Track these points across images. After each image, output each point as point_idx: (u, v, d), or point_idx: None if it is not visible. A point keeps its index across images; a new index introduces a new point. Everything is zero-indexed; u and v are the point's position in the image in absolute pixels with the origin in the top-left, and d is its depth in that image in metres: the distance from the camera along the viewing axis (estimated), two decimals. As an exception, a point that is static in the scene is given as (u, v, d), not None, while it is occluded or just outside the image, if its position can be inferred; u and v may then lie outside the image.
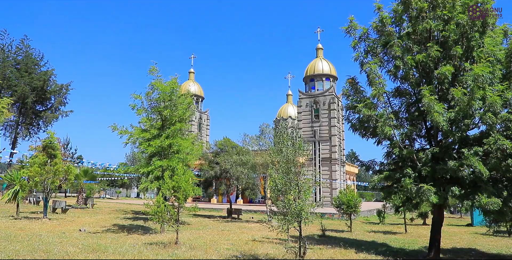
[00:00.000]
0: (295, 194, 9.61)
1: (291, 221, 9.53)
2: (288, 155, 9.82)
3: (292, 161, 9.77)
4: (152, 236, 15.80)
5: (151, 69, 17.42)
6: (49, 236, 13.91)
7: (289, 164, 9.84)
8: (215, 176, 28.05)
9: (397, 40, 13.66)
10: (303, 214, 9.50)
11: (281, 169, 9.92)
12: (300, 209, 9.45)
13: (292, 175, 9.74)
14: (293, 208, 9.51)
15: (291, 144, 10.06)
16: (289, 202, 9.58)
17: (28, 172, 18.64)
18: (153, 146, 16.03)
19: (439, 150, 12.84)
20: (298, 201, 9.52)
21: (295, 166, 9.80)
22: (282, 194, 9.73)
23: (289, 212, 9.59)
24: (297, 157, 10.00)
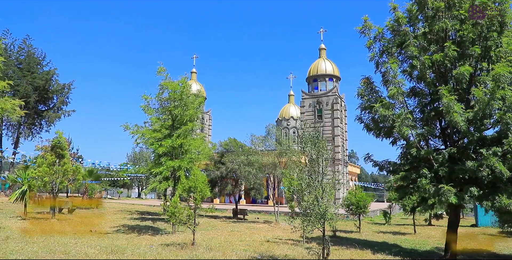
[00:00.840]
0: (319, 194, 9.51)
1: (315, 222, 9.42)
2: (311, 155, 9.72)
3: (316, 161, 9.66)
4: (164, 236, 15.65)
5: (159, 70, 17.31)
6: (62, 237, 13.77)
7: (312, 163, 9.73)
8: (221, 176, 27.92)
9: (412, 40, 13.60)
10: (327, 214, 9.39)
11: (305, 169, 9.81)
12: (324, 210, 9.35)
13: (315, 175, 9.63)
14: (317, 208, 9.40)
15: (312, 144, 9.95)
16: (313, 203, 9.47)
17: (37, 171, 18.46)
18: (165, 145, 15.91)
19: (456, 150, 12.78)
20: (322, 201, 9.42)
21: (319, 165, 9.71)
22: (306, 194, 9.62)
23: (313, 212, 9.49)
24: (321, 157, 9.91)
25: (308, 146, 9.81)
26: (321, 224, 9.68)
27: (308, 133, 10.11)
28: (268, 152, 24.89)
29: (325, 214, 9.39)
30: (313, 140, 9.83)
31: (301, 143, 10.27)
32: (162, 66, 17.05)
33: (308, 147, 9.84)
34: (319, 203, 9.42)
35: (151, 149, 22.10)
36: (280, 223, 24.25)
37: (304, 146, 9.94)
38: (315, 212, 9.47)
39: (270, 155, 23.69)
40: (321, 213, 9.39)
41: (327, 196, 9.54)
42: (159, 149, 15.76)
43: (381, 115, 13.29)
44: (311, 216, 9.50)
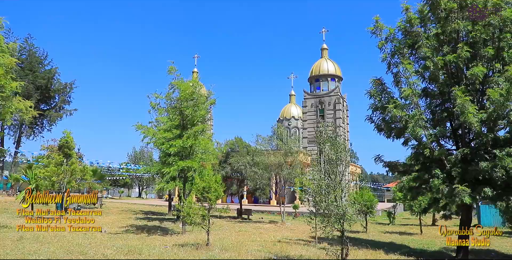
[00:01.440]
0: (339, 195, 9.52)
1: (335, 223, 9.44)
2: (331, 155, 9.73)
3: (335, 162, 9.68)
4: (174, 237, 15.63)
5: (170, 69, 17.28)
6: (74, 237, 13.77)
7: (332, 164, 9.75)
8: (226, 176, 27.90)
9: (425, 40, 13.64)
10: (347, 215, 9.41)
11: (323, 169, 9.83)
12: (344, 210, 9.37)
13: (335, 175, 9.64)
14: (337, 209, 9.42)
15: (332, 145, 9.97)
16: (332, 203, 9.49)
17: (44, 171, 18.40)
18: (176, 146, 15.87)
19: (469, 151, 12.84)
20: (342, 202, 9.43)
21: (338, 166, 9.72)
22: (325, 194, 9.64)
23: (332, 213, 9.50)
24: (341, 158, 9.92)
25: (326, 146, 9.81)
26: (340, 225, 9.68)
27: (326, 133, 10.11)
28: (274, 152, 24.88)
29: (345, 215, 9.39)
30: (332, 140, 9.83)
31: (318, 144, 10.28)
32: (173, 66, 17.03)
33: (326, 147, 9.84)
34: (338, 204, 9.42)
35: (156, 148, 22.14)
36: (286, 223, 24.28)
37: (322, 147, 9.94)
38: (334, 212, 9.48)
39: (276, 155, 23.69)
40: (341, 213, 9.40)
41: (346, 196, 9.54)
42: (170, 149, 15.72)
43: (394, 116, 13.34)
44: (331, 217, 9.50)
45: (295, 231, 20.95)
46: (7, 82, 12.88)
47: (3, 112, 13.33)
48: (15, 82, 13.38)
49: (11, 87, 13.10)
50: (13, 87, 13.23)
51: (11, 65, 13.15)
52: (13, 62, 13.21)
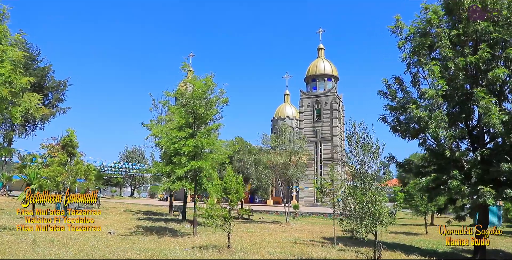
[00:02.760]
0: (373, 197, 9.36)
1: (372, 225, 9.27)
2: (364, 157, 9.57)
3: (369, 163, 9.51)
4: (187, 238, 15.27)
5: (183, 65, 16.92)
6: (85, 239, 13.33)
7: (365, 166, 9.58)
8: (228, 176, 27.56)
9: (444, 41, 13.59)
10: (382, 217, 9.25)
11: (356, 171, 9.65)
12: (380, 212, 9.21)
13: (369, 177, 9.48)
14: (372, 211, 9.26)
15: (365, 146, 9.80)
16: (367, 205, 9.32)
17: (48, 171, 17.80)
18: (189, 145, 15.49)
19: (490, 152, 12.86)
20: (377, 203, 9.28)
21: (372, 168, 9.56)
22: (359, 197, 9.46)
23: (366, 215, 9.34)
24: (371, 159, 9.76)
25: (359, 147, 9.64)
26: (374, 227, 9.52)
27: (357, 135, 9.94)
28: (280, 151, 24.66)
29: (380, 217, 9.24)
30: (366, 143, 9.66)
31: (349, 144, 10.11)
32: (187, 63, 16.64)
33: (359, 149, 9.66)
34: (373, 206, 9.26)
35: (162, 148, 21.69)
36: (291, 223, 24.11)
37: (355, 148, 9.77)
38: (368, 214, 9.32)
39: (282, 155, 23.50)
40: (376, 215, 9.24)
41: (381, 198, 9.39)
42: (184, 149, 15.32)
43: (415, 116, 13.27)
44: (366, 219, 9.33)
45: (303, 232, 20.79)
46: (17, 78, 12.33)
47: (13, 111, 12.76)
48: (25, 78, 12.82)
49: (21, 83, 12.55)
50: (23, 83, 12.67)
51: (19, 59, 12.61)
52: (21, 56, 12.66)
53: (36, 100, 13.82)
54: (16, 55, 12.35)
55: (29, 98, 12.82)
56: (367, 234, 9.73)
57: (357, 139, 9.88)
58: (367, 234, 9.69)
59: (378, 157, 9.61)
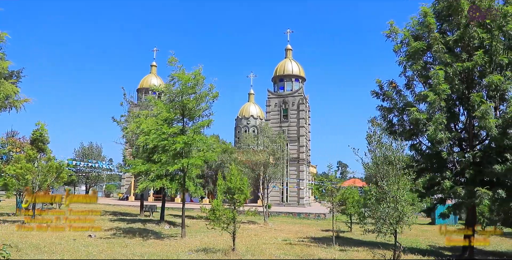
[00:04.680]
0: (396, 198, 9.30)
1: (394, 225, 9.20)
2: (387, 158, 9.48)
3: (393, 164, 9.44)
4: (176, 241, 14.46)
5: (170, 59, 15.99)
6: (70, 244, 12.16)
7: (388, 167, 9.50)
8: (202, 175, 26.76)
9: (440, 46, 13.98)
10: (405, 218, 9.22)
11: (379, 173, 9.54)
12: (402, 214, 9.17)
13: (392, 178, 9.40)
14: (393, 212, 9.19)
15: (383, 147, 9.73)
16: (389, 207, 9.25)
17: (15, 168, 16.06)
18: (180, 142, 14.67)
19: (482, 154, 13.43)
20: (401, 204, 9.23)
21: (394, 169, 9.50)
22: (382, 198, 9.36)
23: (388, 216, 9.26)
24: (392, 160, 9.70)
25: (382, 149, 9.54)
26: (394, 228, 9.47)
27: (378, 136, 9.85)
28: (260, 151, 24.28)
29: (403, 218, 9.20)
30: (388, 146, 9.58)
31: (369, 144, 9.99)
32: (174, 56, 15.74)
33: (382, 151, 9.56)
34: (397, 206, 9.20)
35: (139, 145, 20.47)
36: (269, 223, 23.84)
37: (378, 150, 9.66)
38: (390, 215, 9.24)
39: (263, 154, 23.14)
40: (398, 216, 9.19)
41: (403, 200, 9.35)
42: (175, 146, 14.46)
43: (413, 119, 13.52)
44: (389, 220, 9.24)
45: (285, 232, 20.60)
46: (-2, 62, 10.93)
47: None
48: (7, 62, 11.40)
49: (3, 67, 11.14)
50: (5, 68, 11.26)
51: (1, 39, 11.20)
52: (3, 36, 11.24)
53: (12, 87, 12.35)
54: None
55: (10, 85, 11.38)
56: (390, 235, 9.66)
57: (378, 139, 9.77)
58: (390, 235, 9.62)
59: (401, 155, 9.56)
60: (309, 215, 34.38)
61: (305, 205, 43.19)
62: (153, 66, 52.28)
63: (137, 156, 24.74)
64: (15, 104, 11.43)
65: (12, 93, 11.38)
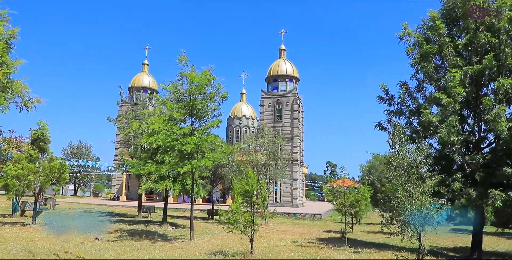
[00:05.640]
0: (419, 200, 9.33)
1: (420, 228, 9.23)
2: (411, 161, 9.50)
3: (418, 167, 9.47)
4: (185, 243, 14.23)
5: (181, 58, 15.72)
6: (81, 247, 11.81)
7: (412, 168, 9.52)
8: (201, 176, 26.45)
9: (450, 49, 14.15)
10: (430, 221, 9.26)
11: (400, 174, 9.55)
12: (428, 216, 9.20)
13: (415, 180, 9.43)
14: (419, 215, 9.22)
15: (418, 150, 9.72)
16: (414, 209, 9.27)
17: (17, 168, 15.54)
18: (190, 143, 14.43)
19: (493, 156, 13.63)
20: (426, 207, 9.25)
21: (419, 171, 9.53)
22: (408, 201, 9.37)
23: (414, 219, 9.28)
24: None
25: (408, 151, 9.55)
26: (419, 231, 9.50)
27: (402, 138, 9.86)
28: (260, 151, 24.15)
29: (429, 220, 9.23)
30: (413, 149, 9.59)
31: (392, 146, 10.00)
32: (184, 55, 15.47)
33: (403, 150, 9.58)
34: (422, 208, 9.23)
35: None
36: (270, 224, 23.73)
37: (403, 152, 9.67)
38: (415, 218, 9.27)
39: (264, 154, 23.02)
40: (424, 219, 9.22)
41: (428, 202, 9.39)
42: (186, 147, 14.19)
43: (426, 121, 13.62)
44: (414, 223, 9.26)
45: (288, 233, 20.56)
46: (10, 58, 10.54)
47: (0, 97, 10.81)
48: (19, 60, 10.98)
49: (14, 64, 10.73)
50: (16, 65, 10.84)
51: (14, 35, 10.78)
52: (16, 32, 10.82)
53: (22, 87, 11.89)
54: (11, 32, 10.50)
55: (22, 84, 10.97)
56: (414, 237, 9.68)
57: (401, 142, 9.78)
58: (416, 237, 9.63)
59: (429, 157, 9.59)
60: (304, 215, 34.45)
61: (299, 205, 43.30)
62: (145, 65, 51.62)
63: (135, 156, 24.36)
64: (27, 105, 10.99)
65: (22, 93, 10.96)
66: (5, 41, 10.56)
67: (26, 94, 11.34)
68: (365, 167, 36.82)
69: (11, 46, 10.68)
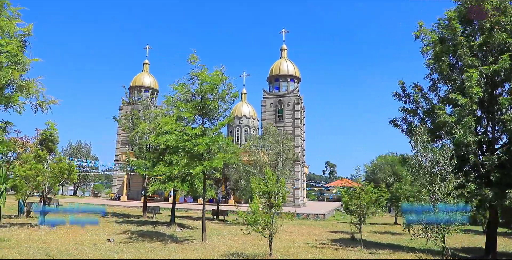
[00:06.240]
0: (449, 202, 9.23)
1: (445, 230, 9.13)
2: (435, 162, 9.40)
3: (441, 168, 9.37)
4: (201, 245, 14.08)
5: (191, 57, 15.53)
6: (96, 249, 11.62)
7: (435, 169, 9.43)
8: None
9: (465, 50, 14.09)
10: (455, 223, 9.17)
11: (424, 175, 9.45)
12: (453, 218, 9.11)
13: (438, 181, 9.34)
14: (443, 215, 9.13)
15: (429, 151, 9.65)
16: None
17: (25, 169, 15.30)
18: (203, 143, 14.26)
19: (509, 157, 13.58)
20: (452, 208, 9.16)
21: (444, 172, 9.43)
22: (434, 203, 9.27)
23: (438, 220, 9.19)
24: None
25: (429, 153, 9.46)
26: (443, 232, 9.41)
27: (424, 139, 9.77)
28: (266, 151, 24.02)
29: (454, 223, 9.14)
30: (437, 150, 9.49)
31: (414, 148, 9.91)
32: (195, 54, 15.28)
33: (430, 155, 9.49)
34: (447, 211, 9.14)
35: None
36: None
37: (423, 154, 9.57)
38: (440, 219, 9.18)
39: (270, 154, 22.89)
40: (448, 221, 9.13)
41: (453, 204, 9.30)
42: (199, 147, 14.02)
43: (442, 122, 13.54)
44: (438, 224, 9.17)
45: (296, 233, 20.48)
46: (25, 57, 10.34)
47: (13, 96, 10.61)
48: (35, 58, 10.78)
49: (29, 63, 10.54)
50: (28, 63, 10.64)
51: (28, 33, 10.57)
52: (31, 30, 10.61)
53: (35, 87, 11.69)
54: (25, 29, 10.30)
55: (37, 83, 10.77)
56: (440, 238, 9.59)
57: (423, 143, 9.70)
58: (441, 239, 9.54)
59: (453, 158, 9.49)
60: (308, 215, 34.32)
61: (301, 205, 43.23)
62: (146, 64, 51.31)
63: (140, 156, 24.16)
64: (42, 106, 10.79)
65: (37, 92, 10.75)
66: (20, 39, 10.34)
67: (41, 95, 11.13)
68: (369, 167, 36.81)
69: (25, 43, 10.45)
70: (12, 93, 10.43)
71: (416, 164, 10.02)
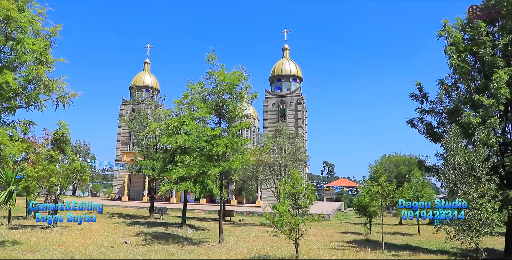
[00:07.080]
0: (485, 203, 9.08)
1: (480, 231, 8.97)
2: (469, 164, 9.24)
3: (475, 170, 9.22)
4: (220, 247, 13.85)
5: (209, 56, 15.29)
6: (117, 252, 11.34)
7: (469, 171, 9.28)
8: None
9: (488, 50, 13.96)
10: (491, 225, 9.02)
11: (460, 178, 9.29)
12: (489, 220, 8.96)
13: (473, 182, 9.18)
14: (479, 216, 8.98)
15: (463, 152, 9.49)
16: (475, 212, 9.02)
17: (38, 170, 14.94)
18: (222, 144, 14.01)
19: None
20: (485, 209, 9.01)
21: (478, 173, 9.28)
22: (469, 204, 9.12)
23: (474, 221, 9.03)
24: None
25: (462, 153, 9.30)
26: (477, 234, 9.26)
27: (457, 140, 9.61)
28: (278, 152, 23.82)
29: (489, 224, 8.99)
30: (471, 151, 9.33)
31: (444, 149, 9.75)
32: (213, 53, 15.03)
33: (463, 156, 9.32)
34: (481, 212, 8.99)
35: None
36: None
37: (460, 155, 9.42)
38: (476, 219, 9.02)
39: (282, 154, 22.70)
40: (482, 223, 8.98)
41: (489, 206, 9.15)
42: (218, 148, 13.77)
43: (466, 122, 13.39)
44: (473, 226, 9.01)
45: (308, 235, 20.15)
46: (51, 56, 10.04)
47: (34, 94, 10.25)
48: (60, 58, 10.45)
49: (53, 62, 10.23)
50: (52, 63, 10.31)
51: (55, 33, 10.25)
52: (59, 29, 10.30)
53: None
54: (52, 29, 9.99)
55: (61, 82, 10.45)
56: (476, 241, 9.43)
57: (457, 144, 9.54)
58: (476, 241, 9.38)
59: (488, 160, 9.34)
60: (312, 216, 34.14)
61: (303, 206, 43.11)
62: (147, 64, 50.82)
63: (147, 156, 23.84)
64: (63, 100, 10.47)
65: (62, 90, 10.45)
66: (46, 39, 10.03)
67: (62, 90, 10.81)
68: (373, 167, 36.74)
69: (51, 43, 10.13)
70: (32, 91, 10.09)
71: (450, 165, 9.85)
